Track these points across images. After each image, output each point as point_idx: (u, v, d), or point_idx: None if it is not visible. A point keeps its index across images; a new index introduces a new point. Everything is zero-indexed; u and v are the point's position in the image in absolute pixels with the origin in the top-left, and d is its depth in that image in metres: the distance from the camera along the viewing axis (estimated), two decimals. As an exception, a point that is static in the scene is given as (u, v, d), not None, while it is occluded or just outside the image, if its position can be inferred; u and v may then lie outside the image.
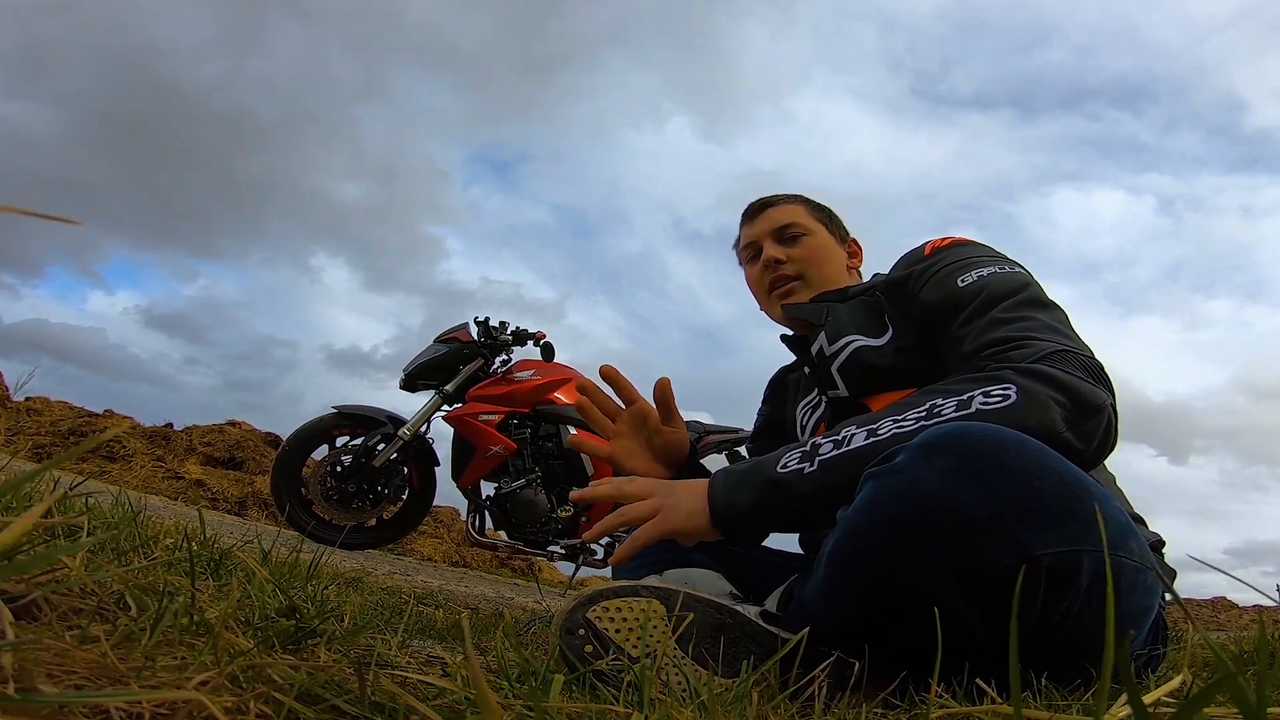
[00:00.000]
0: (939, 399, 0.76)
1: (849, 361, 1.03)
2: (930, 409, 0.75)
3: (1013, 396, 0.73)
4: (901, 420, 0.75)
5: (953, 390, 0.77)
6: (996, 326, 0.85)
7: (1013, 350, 0.81)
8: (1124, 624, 0.67)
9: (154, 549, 0.78)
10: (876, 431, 0.75)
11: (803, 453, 0.79)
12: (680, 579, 0.89)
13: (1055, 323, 0.85)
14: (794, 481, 0.77)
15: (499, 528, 2.86)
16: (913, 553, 0.62)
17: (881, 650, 0.65)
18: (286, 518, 2.81)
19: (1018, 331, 0.83)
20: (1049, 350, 0.78)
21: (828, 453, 0.77)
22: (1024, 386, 0.74)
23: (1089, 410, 0.73)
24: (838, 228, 1.25)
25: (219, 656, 0.41)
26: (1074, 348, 0.79)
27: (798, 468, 0.78)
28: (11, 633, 0.33)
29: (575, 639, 0.65)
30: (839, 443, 0.77)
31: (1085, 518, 0.61)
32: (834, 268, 1.20)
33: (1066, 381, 0.74)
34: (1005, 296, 0.89)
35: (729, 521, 0.80)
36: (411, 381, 2.95)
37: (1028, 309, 0.86)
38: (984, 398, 0.74)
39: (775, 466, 0.79)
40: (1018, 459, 0.62)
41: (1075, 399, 0.73)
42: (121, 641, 0.41)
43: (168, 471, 6.53)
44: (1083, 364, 0.77)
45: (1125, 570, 0.65)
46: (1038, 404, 0.72)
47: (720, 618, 0.68)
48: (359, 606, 0.89)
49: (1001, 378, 0.75)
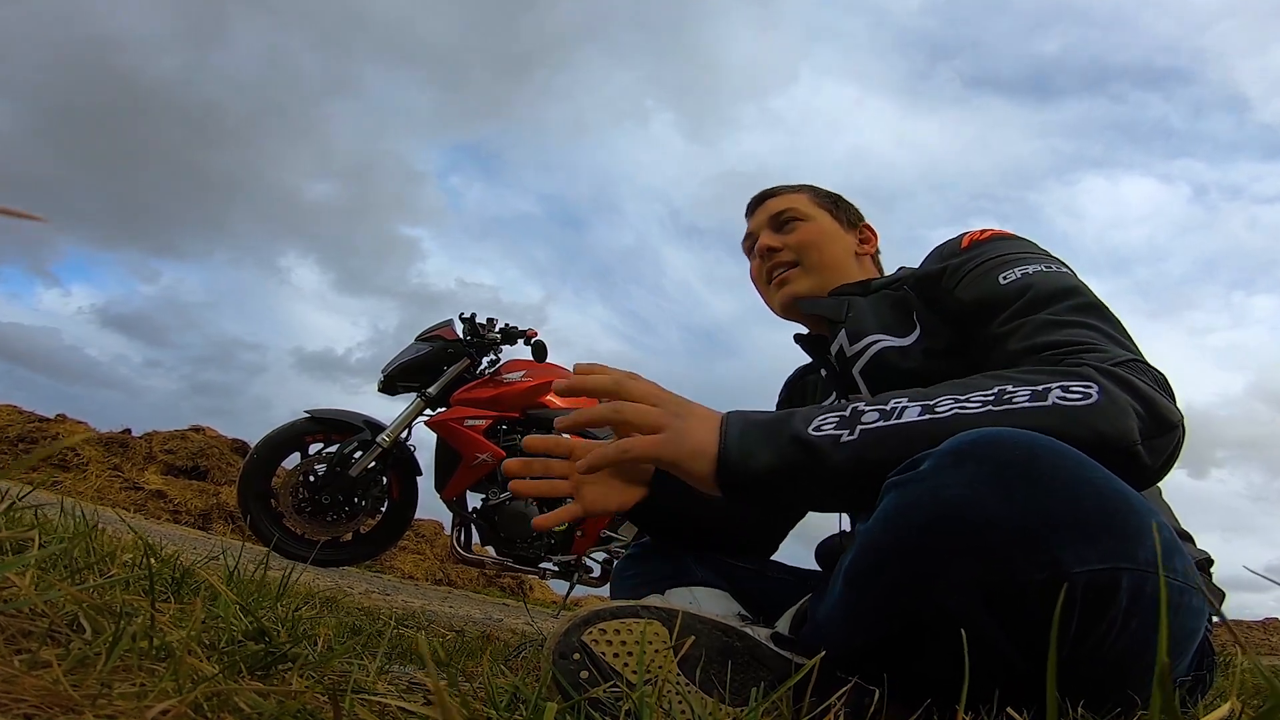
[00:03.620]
0: (1010, 385, 0.73)
1: (873, 364, 1.02)
2: (999, 394, 0.72)
3: (1094, 396, 0.72)
4: (965, 401, 0.72)
5: (1026, 378, 0.74)
6: (1052, 329, 0.84)
7: (1084, 352, 0.79)
8: (1168, 648, 0.67)
9: (110, 566, 0.78)
10: (934, 408, 0.72)
11: (841, 417, 0.74)
12: (684, 598, 0.89)
13: (1117, 333, 0.84)
14: (828, 447, 0.72)
15: (486, 543, 2.86)
16: (938, 568, 0.62)
17: (903, 676, 0.65)
18: (255, 532, 2.81)
19: (1079, 336, 0.82)
20: (1123, 359, 0.78)
21: (872, 422, 0.73)
22: (1107, 388, 0.72)
23: (1165, 425, 0.73)
24: (845, 213, 1.26)
25: (181, 683, 0.41)
26: (1143, 360, 0.79)
27: (834, 433, 0.73)
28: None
29: (569, 664, 0.65)
30: (886, 413, 0.73)
31: (1125, 533, 0.61)
32: (836, 252, 1.20)
33: (1146, 393, 0.74)
34: (1056, 297, 0.88)
35: (738, 479, 0.74)
36: (391, 384, 2.95)
37: (1085, 314, 0.86)
38: (1062, 392, 0.72)
39: (806, 426, 0.74)
40: (1054, 468, 0.62)
41: (1153, 412, 0.73)
42: (75, 667, 0.41)
43: (125, 481, 6.53)
44: (1155, 378, 0.77)
45: (1169, 591, 0.65)
46: (1120, 409, 0.71)
47: (728, 641, 0.68)
48: (334, 629, 0.89)
49: (1083, 374, 0.74)
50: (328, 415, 2.87)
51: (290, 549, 2.68)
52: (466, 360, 2.93)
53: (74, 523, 0.93)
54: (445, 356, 2.92)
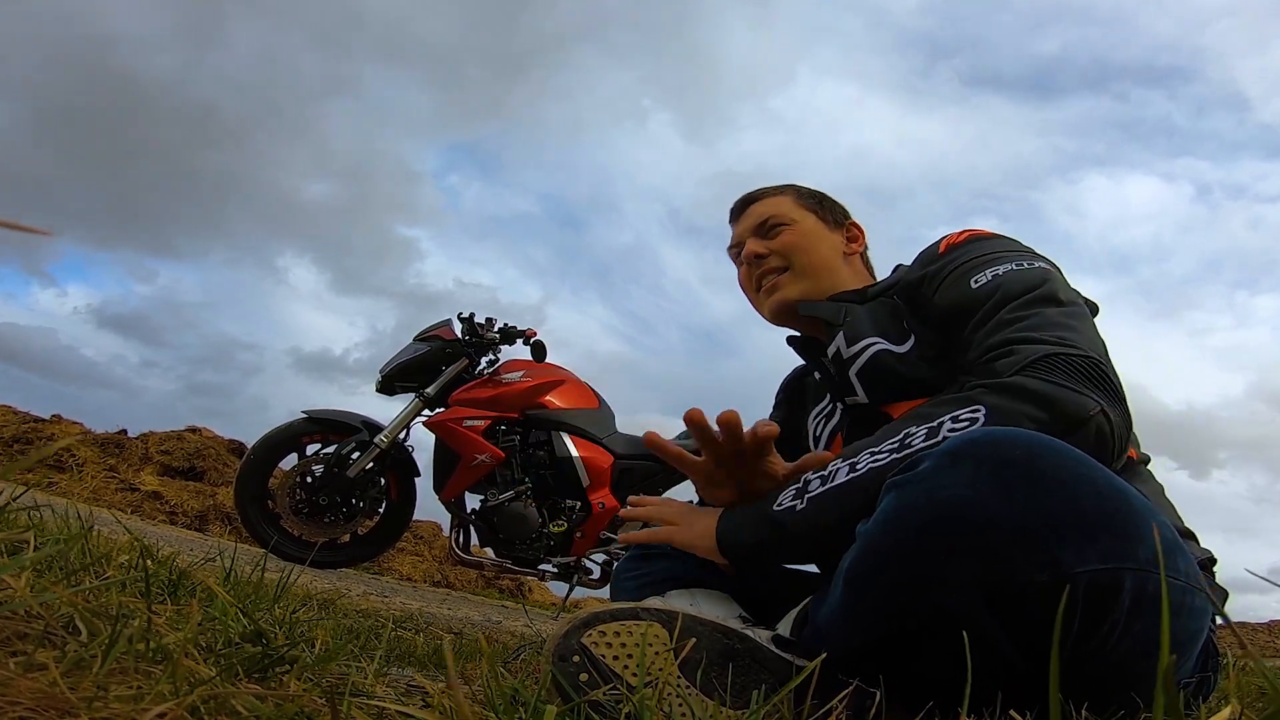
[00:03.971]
0: (913, 426, 0.79)
1: (869, 365, 1.03)
2: (903, 440, 0.78)
3: (980, 418, 0.75)
4: (877, 453, 0.79)
5: (926, 415, 0.80)
6: (1000, 329, 0.88)
7: (1000, 359, 0.83)
8: (1171, 649, 0.67)
9: (106, 568, 0.78)
10: (855, 465, 0.79)
11: (796, 489, 0.83)
12: (685, 600, 0.89)
13: (1063, 318, 0.85)
14: (786, 519, 0.81)
15: (485, 544, 2.87)
16: (938, 569, 0.63)
17: (905, 678, 0.66)
18: (251, 533, 2.82)
19: (1017, 333, 0.85)
20: (1034, 356, 0.79)
21: (816, 490, 0.81)
22: (993, 405, 0.76)
23: (1071, 421, 0.74)
24: (830, 212, 1.27)
25: (178, 686, 0.41)
26: (1066, 349, 0.80)
27: (791, 505, 0.82)
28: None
29: (569, 666, 0.65)
30: (825, 478, 0.81)
31: (1126, 532, 0.61)
32: (824, 254, 1.21)
33: (1043, 392, 0.75)
34: (1017, 296, 0.90)
35: (734, 557, 0.86)
36: (389, 384, 2.95)
37: (1038, 305, 0.88)
38: (952, 422, 0.76)
39: (771, 504, 0.83)
40: (1053, 467, 0.62)
41: (1055, 410, 0.74)
42: (71, 669, 0.41)
43: (121, 482, 6.54)
44: (1072, 367, 0.78)
45: (1172, 591, 0.65)
46: (1009, 422, 0.74)
47: (729, 643, 0.69)
48: (331, 631, 0.89)
49: (971, 398, 0.78)
50: (325, 416, 2.87)
51: (287, 550, 2.68)
52: (465, 360, 2.93)
53: (69, 524, 0.93)
54: (444, 356, 2.92)
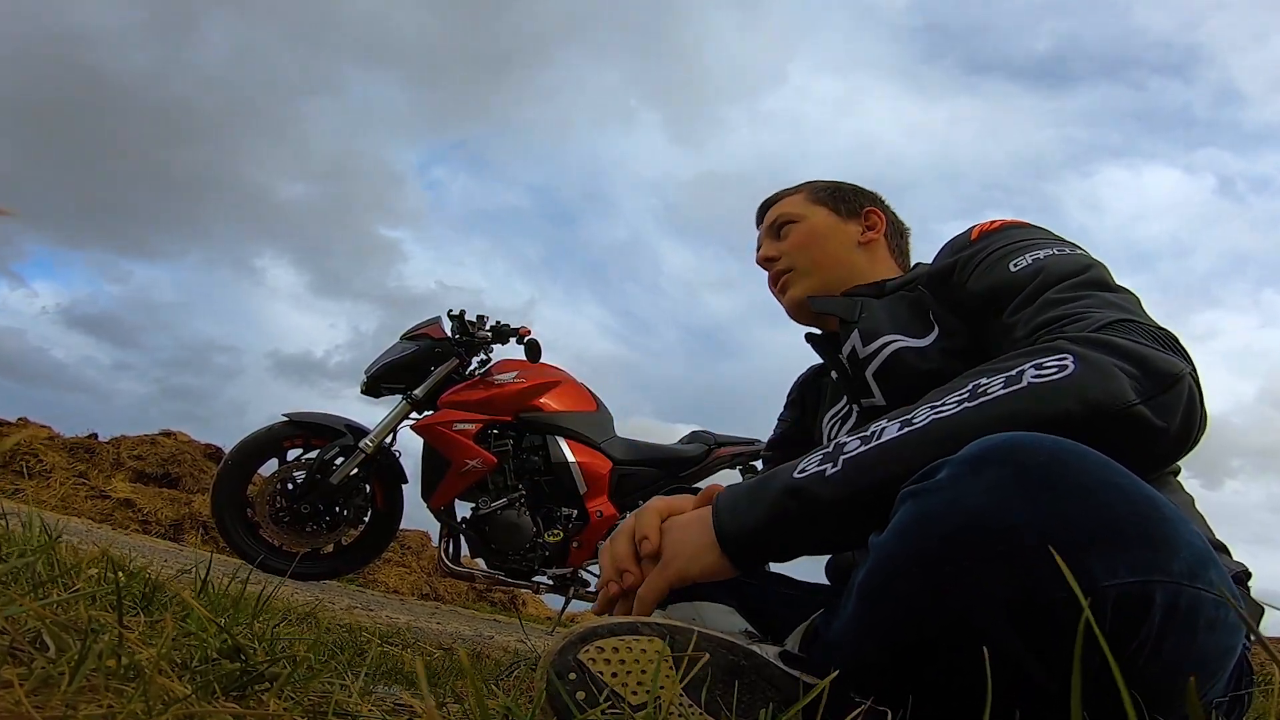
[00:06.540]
0: (984, 378, 0.75)
1: (887, 365, 1.03)
2: (974, 389, 0.74)
3: (1070, 366, 0.72)
4: (940, 405, 0.74)
5: (999, 367, 0.76)
6: (1050, 308, 0.86)
7: (1068, 324, 0.81)
8: (1202, 667, 0.67)
9: (75, 580, 0.78)
10: (911, 421, 0.74)
11: (825, 454, 0.78)
12: (688, 614, 0.89)
13: (1119, 300, 0.85)
14: (815, 486, 0.75)
15: (476, 555, 2.86)
16: (957, 581, 0.62)
17: (921, 696, 0.65)
18: (229, 543, 2.82)
19: (1070, 310, 0.84)
20: (1109, 319, 0.78)
21: (854, 450, 0.75)
22: (1083, 355, 0.73)
23: (1164, 378, 0.72)
24: (844, 203, 1.29)
25: (151, 704, 0.41)
26: (1138, 319, 0.79)
27: (818, 470, 0.76)
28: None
29: (565, 684, 0.65)
30: (867, 438, 0.76)
31: (1158, 543, 0.61)
32: (832, 248, 1.25)
33: (1132, 349, 0.73)
34: (1064, 278, 0.89)
35: (740, 547, 0.79)
36: (375, 385, 2.94)
37: (1088, 288, 0.87)
38: (1036, 370, 0.73)
39: (792, 472, 0.78)
40: (1080, 473, 0.62)
41: (1146, 367, 0.72)
42: (38, 687, 0.41)
43: (91, 489, 6.53)
44: (1150, 332, 0.77)
45: (1204, 605, 0.65)
46: (1102, 373, 0.71)
47: (734, 659, 0.68)
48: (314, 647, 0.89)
49: (1056, 348, 0.75)
50: (307, 419, 2.87)
51: (268, 562, 2.68)
52: (455, 360, 2.92)
53: (36, 534, 0.93)
54: (433, 356, 2.91)
